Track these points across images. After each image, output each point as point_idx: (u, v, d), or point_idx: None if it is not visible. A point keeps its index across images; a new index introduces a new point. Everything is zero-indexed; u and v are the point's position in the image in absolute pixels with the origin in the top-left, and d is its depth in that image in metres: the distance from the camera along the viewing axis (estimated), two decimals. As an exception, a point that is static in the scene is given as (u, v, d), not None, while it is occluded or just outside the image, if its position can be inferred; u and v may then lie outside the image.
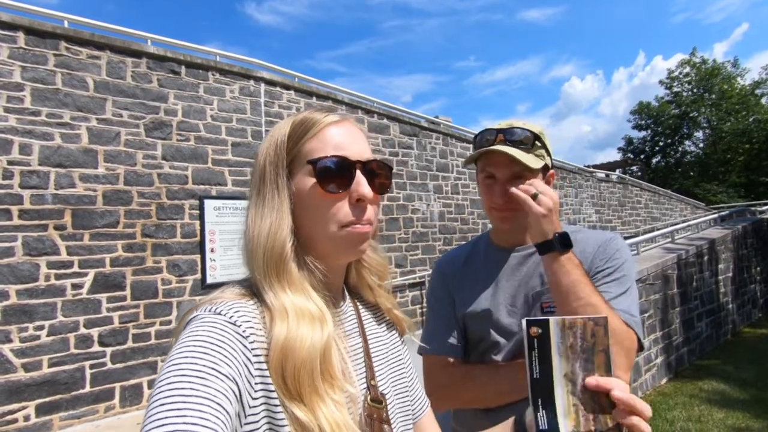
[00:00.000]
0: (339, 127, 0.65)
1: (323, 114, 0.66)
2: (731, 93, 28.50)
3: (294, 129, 0.65)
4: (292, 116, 0.67)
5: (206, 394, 0.45)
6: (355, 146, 0.65)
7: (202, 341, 0.50)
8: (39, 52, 4.49)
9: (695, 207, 18.36)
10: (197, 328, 0.52)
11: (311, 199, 0.62)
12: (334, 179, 0.61)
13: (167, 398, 0.44)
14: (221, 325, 0.52)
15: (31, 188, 4.35)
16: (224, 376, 0.48)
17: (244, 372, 0.51)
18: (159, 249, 5.03)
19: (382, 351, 0.75)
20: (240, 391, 0.49)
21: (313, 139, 0.63)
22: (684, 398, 4.59)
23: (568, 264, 0.91)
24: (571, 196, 11.88)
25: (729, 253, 7.66)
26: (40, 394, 4.20)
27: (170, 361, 0.48)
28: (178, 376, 0.46)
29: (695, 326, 6.08)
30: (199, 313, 0.55)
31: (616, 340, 0.87)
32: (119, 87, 4.94)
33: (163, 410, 0.43)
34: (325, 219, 0.62)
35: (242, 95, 5.95)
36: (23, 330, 4.19)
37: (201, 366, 0.47)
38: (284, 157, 0.64)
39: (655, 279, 5.20)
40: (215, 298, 0.58)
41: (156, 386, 0.46)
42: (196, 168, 5.40)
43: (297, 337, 0.54)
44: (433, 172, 8.37)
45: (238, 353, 0.51)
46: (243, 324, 0.54)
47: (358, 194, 0.62)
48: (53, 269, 4.39)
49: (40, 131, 4.43)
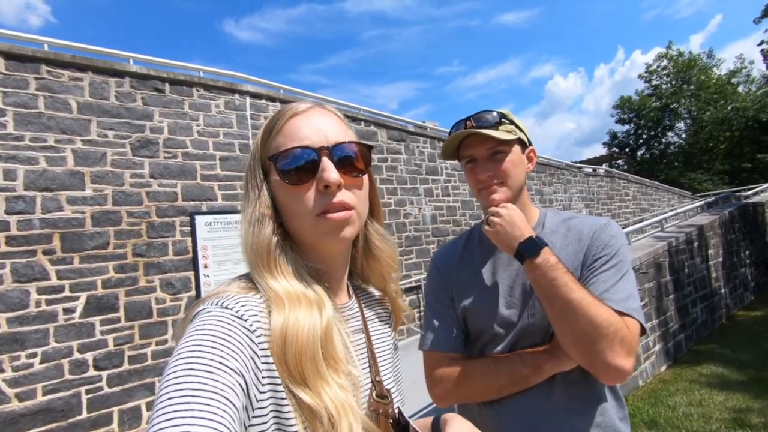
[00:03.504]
0: (302, 117, 0.64)
1: (290, 106, 0.66)
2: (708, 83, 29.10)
3: (265, 128, 0.67)
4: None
5: (214, 388, 0.45)
6: (320, 133, 0.63)
7: (209, 335, 0.50)
8: (20, 77, 4.46)
9: (682, 196, 18.64)
10: (204, 322, 0.52)
11: (282, 195, 0.64)
12: (297, 171, 0.61)
13: (175, 392, 0.43)
14: (228, 319, 0.53)
15: (18, 213, 4.29)
16: (231, 370, 0.48)
17: (251, 365, 0.51)
18: (151, 268, 4.97)
19: (384, 348, 0.76)
20: (247, 385, 0.49)
21: (278, 135, 0.64)
22: (684, 384, 4.62)
23: (543, 267, 0.95)
24: (560, 192, 12.00)
25: (718, 239, 7.78)
26: (35, 423, 4.09)
27: (178, 354, 0.48)
28: (186, 369, 0.46)
29: (690, 312, 6.15)
30: (206, 306, 0.55)
31: (607, 332, 0.89)
32: (103, 107, 4.91)
33: (171, 404, 0.43)
34: (297, 212, 0.62)
35: (228, 109, 5.95)
36: (15, 359, 4.10)
37: (209, 360, 0.47)
38: (258, 158, 0.66)
39: (647, 267, 5.26)
40: (221, 292, 0.58)
41: (164, 380, 0.46)
42: (185, 184, 5.37)
43: (295, 322, 0.55)
44: (422, 176, 8.41)
45: (245, 347, 0.51)
46: (249, 318, 0.54)
47: (323, 181, 0.61)
48: (44, 294, 4.32)
49: (24, 156, 4.38)
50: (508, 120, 1.10)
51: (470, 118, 1.10)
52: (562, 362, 0.99)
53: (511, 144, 1.09)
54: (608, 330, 0.90)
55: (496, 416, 1.06)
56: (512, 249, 1.00)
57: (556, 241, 1.08)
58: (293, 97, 6.93)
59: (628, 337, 0.92)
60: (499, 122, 1.08)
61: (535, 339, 1.05)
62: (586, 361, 0.93)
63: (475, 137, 1.08)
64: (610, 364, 0.90)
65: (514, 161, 1.08)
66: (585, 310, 0.90)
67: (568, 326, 0.92)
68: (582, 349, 0.92)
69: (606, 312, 0.92)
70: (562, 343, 0.96)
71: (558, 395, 1.01)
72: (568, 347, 0.94)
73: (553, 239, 1.09)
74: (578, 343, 0.92)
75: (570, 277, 0.94)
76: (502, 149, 1.07)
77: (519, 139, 1.10)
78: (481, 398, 1.07)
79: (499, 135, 1.05)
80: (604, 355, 0.90)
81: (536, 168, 11.30)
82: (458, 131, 1.10)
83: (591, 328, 0.90)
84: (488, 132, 1.05)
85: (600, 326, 0.90)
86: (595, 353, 0.90)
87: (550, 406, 1.00)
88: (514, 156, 1.09)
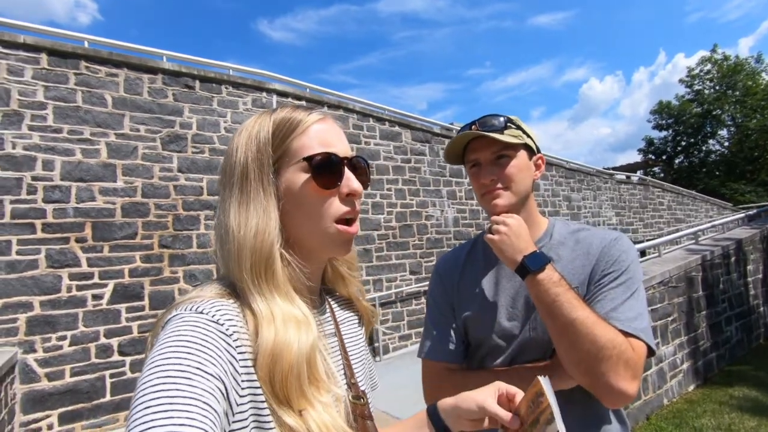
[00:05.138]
0: (324, 124, 0.66)
1: (306, 112, 0.66)
2: (756, 89, 27.53)
3: (279, 126, 0.64)
4: (266, 114, 0.66)
5: (193, 394, 0.44)
6: (340, 143, 0.66)
7: (185, 341, 0.49)
8: (60, 72, 4.68)
9: (722, 207, 17.72)
10: (179, 327, 0.51)
11: (304, 196, 0.62)
12: (328, 175, 0.63)
13: (152, 401, 0.42)
14: (204, 323, 0.51)
15: (54, 202, 4.51)
16: (210, 375, 0.47)
17: (229, 370, 0.50)
18: (176, 259, 5.13)
19: (356, 348, 0.76)
20: (227, 390, 0.49)
21: (301, 136, 0.63)
22: (713, 405, 4.38)
23: (546, 283, 0.91)
24: (589, 199, 11.64)
25: (759, 254, 7.35)
26: (63, 403, 4.30)
27: (152, 362, 0.46)
28: (161, 377, 0.44)
29: (724, 330, 5.83)
30: (179, 312, 0.53)
31: (611, 353, 0.85)
32: (136, 103, 5.10)
33: (148, 413, 0.41)
34: (318, 214, 0.62)
35: (255, 107, 6.06)
36: (47, 340, 4.31)
37: (186, 366, 0.46)
38: (270, 155, 0.62)
39: (678, 281, 5.02)
40: (195, 296, 0.57)
41: (138, 389, 0.44)
42: (210, 179, 5.51)
43: (285, 341, 0.54)
44: (446, 177, 8.33)
45: (223, 351, 0.50)
46: (226, 322, 0.53)
47: (349, 189, 0.64)
48: (75, 281, 4.52)
49: (61, 147, 4.60)
50: (514, 125, 1.06)
51: (476, 122, 1.07)
52: (563, 381, 0.94)
53: (517, 148, 1.05)
54: (612, 351, 0.85)
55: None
56: (514, 262, 0.96)
57: (563, 254, 1.04)
58: (320, 96, 7.00)
59: (633, 360, 0.87)
60: (505, 126, 1.04)
61: (536, 353, 1.01)
62: (589, 383, 0.89)
63: (480, 141, 1.05)
64: (613, 387, 0.86)
65: (519, 166, 1.05)
66: (588, 330, 0.86)
67: (570, 345, 0.88)
68: (584, 370, 0.87)
69: (611, 332, 0.87)
70: (563, 362, 0.91)
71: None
72: (570, 367, 0.90)
73: (561, 251, 1.05)
74: (581, 364, 0.87)
75: (573, 294, 0.90)
76: (506, 153, 1.04)
77: (525, 144, 1.06)
78: None
79: (504, 138, 1.02)
80: (607, 377, 0.85)
81: (565, 174, 11.05)
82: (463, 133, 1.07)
83: (594, 348, 0.85)
84: (493, 135, 1.02)
85: (604, 347, 0.85)
86: (597, 375, 0.86)
87: None
88: (520, 161, 1.05)
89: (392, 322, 7.03)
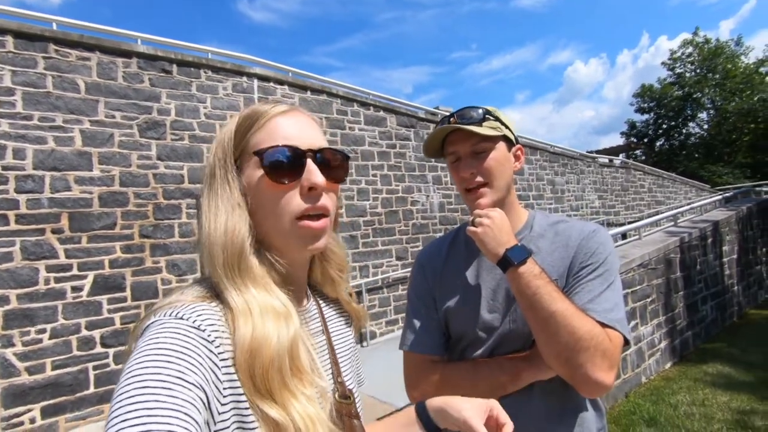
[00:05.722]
0: (287, 118, 0.64)
1: (270, 105, 0.65)
2: (735, 72, 28.02)
3: (241, 123, 0.64)
4: (238, 113, 0.66)
5: (173, 405, 0.43)
6: (305, 135, 0.63)
7: (164, 349, 0.47)
8: (28, 56, 4.48)
9: (700, 189, 18.17)
10: (158, 334, 0.49)
11: (261, 192, 0.61)
12: (283, 169, 0.60)
13: (128, 413, 0.41)
14: (184, 330, 0.50)
15: (27, 192, 4.36)
16: (191, 385, 0.45)
17: (211, 378, 0.49)
18: (158, 249, 5.04)
19: (344, 347, 0.76)
20: (208, 399, 0.47)
21: (260, 131, 0.62)
22: (688, 382, 4.55)
23: (527, 276, 0.92)
24: (573, 183, 11.78)
25: (734, 235, 7.57)
26: (44, 396, 4.24)
27: (129, 371, 0.45)
28: (139, 388, 0.43)
29: (700, 309, 6.03)
30: (159, 318, 0.52)
31: (589, 344, 0.87)
32: (111, 88, 4.92)
33: (125, 426, 0.40)
34: (276, 211, 0.60)
35: (235, 92, 5.92)
36: (25, 334, 4.22)
37: (165, 376, 0.44)
38: (232, 152, 0.63)
39: (657, 263, 5.15)
40: (175, 301, 0.55)
41: (115, 400, 0.42)
42: (191, 167, 5.39)
43: (263, 335, 0.53)
44: (431, 163, 8.31)
45: (204, 359, 0.49)
46: (207, 328, 0.51)
47: (309, 182, 0.60)
48: (52, 272, 4.41)
49: (33, 135, 4.43)
50: (493, 117, 1.06)
51: (454, 114, 1.07)
52: (541, 371, 0.96)
53: (495, 140, 1.05)
54: (590, 343, 0.87)
55: None
56: (496, 255, 0.96)
57: (542, 246, 1.05)
58: (303, 80, 6.85)
59: (610, 350, 0.89)
60: (483, 119, 1.04)
61: (516, 345, 1.03)
62: (567, 374, 0.90)
63: (459, 134, 1.04)
64: (590, 378, 0.88)
65: (499, 159, 1.04)
66: (567, 321, 0.88)
67: (549, 337, 0.90)
68: (563, 361, 0.89)
69: (588, 324, 0.89)
70: (542, 353, 0.93)
71: (536, 404, 0.99)
72: (549, 358, 0.92)
73: (540, 243, 1.06)
74: (559, 356, 0.89)
75: (553, 286, 0.92)
76: (485, 146, 1.04)
77: (504, 136, 1.06)
78: None
79: (482, 131, 1.02)
80: (585, 368, 0.87)
81: (549, 158, 11.13)
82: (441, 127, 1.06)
83: (572, 340, 0.87)
84: (471, 128, 1.01)
85: (582, 339, 0.87)
86: (576, 366, 0.88)
87: (528, 414, 0.98)
88: (499, 153, 1.04)
89: (379, 307, 7.08)
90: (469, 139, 1.04)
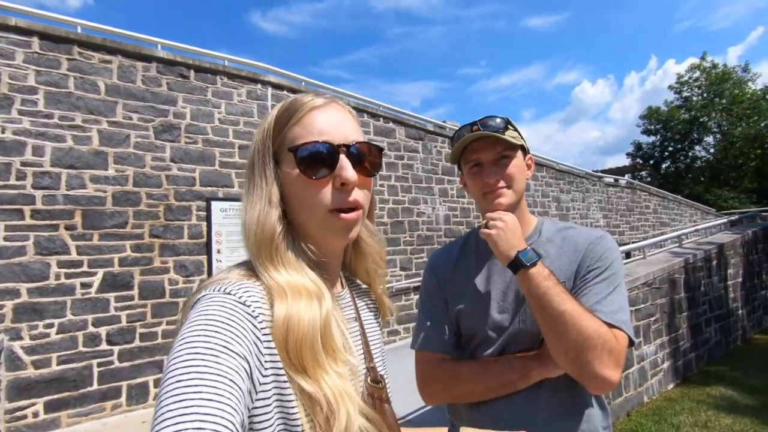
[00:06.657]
0: (322, 112, 0.65)
1: (308, 98, 0.66)
2: (742, 98, 28.14)
3: (279, 116, 0.66)
4: (281, 103, 0.69)
5: (220, 371, 0.46)
6: (339, 130, 0.65)
7: (213, 320, 0.51)
8: (53, 57, 4.61)
9: (705, 212, 18.12)
10: (207, 307, 0.53)
11: (296, 187, 0.64)
12: (316, 165, 0.62)
13: (183, 374, 0.44)
14: (231, 304, 0.54)
15: (43, 189, 4.45)
16: (236, 354, 0.49)
17: (254, 350, 0.52)
18: (166, 250, 5.10)
19: (375, 336, 0.79)
20: (250, 369, 0.50)
21: (296, 125, 0.64)
22: (691, 403, 4.52)
23: (537, 277, 0.96)
24: (578, 201, 11.81)
25: (739, 258, 7.56)
26: (48, 391, 4.26)
27: (182, 339, 0.48)
28: (191, 353, 0.46)
29: (703, 331, 6.00)
30: (208, 293, 0.56)
31: (596, 343, 0.91)
32: (129, 90, 5.05)
33: (180, 385, 0.43)
34: (310, 205, 0.63)
35: (250, 99, 6.04)
36: (33, 328, 4.27)
37: (214, 344, 0.48)
38: (270, 146, 0.65)
39: (661, 283, 5.15)
40: (222, 278, 0.59)
41: (170, 362, 0.46)
42: (203, 170, 5.48)
43: (296, 313, 0.56)
44: (438, 175, 8.39)
45: (248, 332, 0.52)
46: (252, 303, 0.55)
47: (341, 178, 0.62)
48: (63, 268, 4.48)
49: (52, 133, 4.54)
50: (512, 126, 1.11)
51: (476, 123, 1.11)
52: (550, 369, 1.00)
53: (516, 149, 1.10)
54: (597, 341, 0.91)
55: (481, 417, 1.07)
56: (508, 257, 1.00)
57: (551, 250, 1.10)
58: (315, 90, 6.98)
59: (617, 349, 0.93)
60: (506, 127, 1.09)
61: (525, 344, 1.07)
62: (575, 371, 0.94)
63: (482, 141, 1.09)
64: (597, 375, 0.92)
65: (519, 166, 1.10)
66: (576, 321, 0.92)
67: (558, 336, 0.94)
68: (571, 359, 0.93)
69: (595, 323, 0.93)
70: (551, 352, 0.97)
71: (544, 401, 1.03)
72: (558, 356, 0.95)
73: (548, 248, 1.10)
74: (568, 353, 0.93)
75: (561, 288, 0.96)
76: (508, 154, 1.09)
77: (522, 145, 1.12)
78: (468, 399, 1.09)
79: (507, 138, 1.07)
80: (592, 365, 0.91)
81: (555, 175, 11.18)
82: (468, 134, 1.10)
83: (581, 338, 0.91)
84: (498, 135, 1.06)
85: (590, 337, 0.91)
86: (583, 363, 0.92)
87: (535, 411, 1.02)
88: (519, 161, 1.10)
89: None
90: (494, 147, 1.08)
